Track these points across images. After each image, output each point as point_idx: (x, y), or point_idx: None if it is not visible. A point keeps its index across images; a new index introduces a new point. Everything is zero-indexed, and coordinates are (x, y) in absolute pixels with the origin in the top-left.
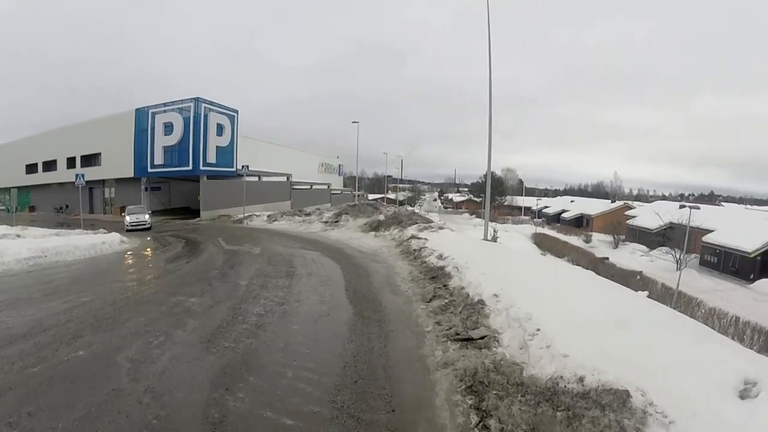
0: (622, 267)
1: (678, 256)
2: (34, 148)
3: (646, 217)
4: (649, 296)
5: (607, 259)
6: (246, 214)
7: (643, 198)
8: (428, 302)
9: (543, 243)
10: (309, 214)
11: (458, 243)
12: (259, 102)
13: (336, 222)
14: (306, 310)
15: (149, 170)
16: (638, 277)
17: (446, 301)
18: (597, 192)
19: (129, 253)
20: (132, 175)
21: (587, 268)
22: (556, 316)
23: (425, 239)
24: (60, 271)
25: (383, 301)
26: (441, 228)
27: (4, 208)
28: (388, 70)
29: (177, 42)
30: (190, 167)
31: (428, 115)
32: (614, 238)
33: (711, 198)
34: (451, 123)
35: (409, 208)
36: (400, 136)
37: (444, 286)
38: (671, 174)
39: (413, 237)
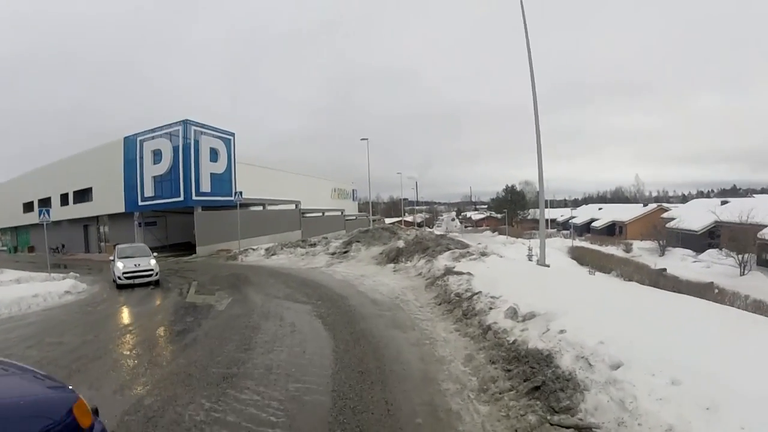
0: (686, 279)
1: (742, 258)
2: (30, 185)
3: (689, 218)
4: None
5: (665, 270)
6: (242, 249)
7: (663, 199)
8: None
9: (582, 257)
10: (314, 245)
11: (518, 276)
12: (268, 135)
13: (345, 253)
14: None
15: (140, 203)
16: (716, 291)
17: None
18: (617, 197)
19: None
20: (123, 210)
21: (647, 284)
22: None
23: (468, 274)
24: None
25: None
26: (484, 254)
27: (5, 248)
28: (394, 94)
29: (181, 76)
30: (182, 198)
31: (438, 135)
32: (659, 244)
33: (734, 192)
34: (461, 141)
35: (428, 230)
36: (411, 158)
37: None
38: (685, 174)
39: (450, 271)
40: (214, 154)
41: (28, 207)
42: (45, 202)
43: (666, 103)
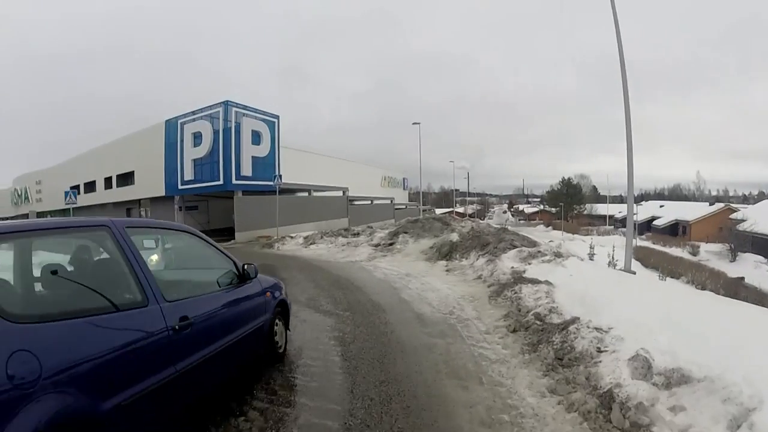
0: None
1: None
2: (77, 169)
3: (761, 220)
4: None
5: (743, 279)
6: (280, 236)
7: (725, 198)
8: None
9: (647, 258)
10: (357, 234)
11: (613, 289)
12: (320, 124)
13: (390, 245)
14: None
15: (179, 187)
16: None
17: None
18: (675, 195)
19: None
20: (163, 194)
21: (722, 293)
22: None
23: (547, 283)
24: None
25: None
26: (559, 255)
27: None
28: (446, 81)
29: (237, 64)
30: (221, 181)
31: (490, 125)
32: (731, 249)
33: None
34: (514, 132)
35: (486, 221)
36: (463, 148)
37: None
38: (747, 172)
39: (520, 277)
40: (256, 137)
41: (74, 190)
42: (90, 186)
43: (727, 97)
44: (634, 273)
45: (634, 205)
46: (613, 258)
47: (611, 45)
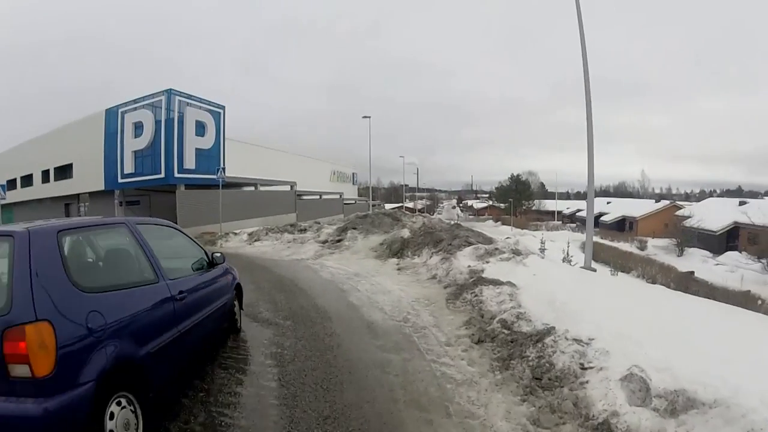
0: (720, 285)
1: None
2: (14, 161)
3: (706, 217)
4: None
5: (693, 273)
6: (224, 232)
7: (668, 196)
8: None
9: (597, 253)
10: (303, 230)
11: (581, 290)
12: (271, 118)
13: (338, 242)
14: None
15: (119, 180)
16: (759, 301)
17: None
18: (620, 192)
19: None
20: (103, 188)
21: (672, 287)
22: None
23: (510, 284)
24: None
25: None
26: (517, 252)
27: None
28: (398, 83)
29: (187, 59)
30: (163, 175)
31: (439, 123)
32: (678, 244)
33: (740, 193)
34: (463, 130)
35: (438, 216)
36: (413, 145)
37: None
38: (689, 172)
39: (480, 278)
40: (200, 128)
41: (11, 184)
42: (27, 179)
43: (670, 102)
44: (595, 270)
45: (575, 201)
46: (567, 254)
47: (563, 50)
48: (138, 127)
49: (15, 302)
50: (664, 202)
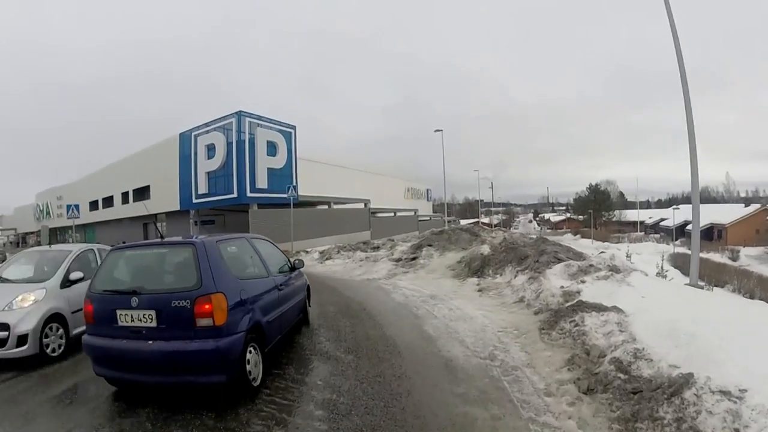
0: None
1: None
2: (97, 183)
3: None
4: None
5: None
6: (296, 251)
7: (755, 199)
8: None
9: (686, 265)
10: (377, 248)
11: (701, 314)
12: (342, 139)
13: (413, 259)
14: None
15: (193, 201)
16: None
17: None
18: (704, 198)
19: None
20: (178, 208)
21: None
22: None
23: (616, 310)
24: None
25: None
26: (615, 269)
27: None
28: (467, 98)
29: (255, 85)
30: (235, 194)
31: (511, 135)
32: None
33: None
34: (533, 141)
35: (519, 230)
36: (485, 159)
37: None
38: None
39: (580, 303)
40: (272, 148)
41: (93, 205)
42: (108, 201)
43: (754, 96)
44: (702, 288)
45: (656, 209)
46: (662, 269)
47: (628, 53)
48: (210, 149)
49: (203, 282)
50: (754, 206)
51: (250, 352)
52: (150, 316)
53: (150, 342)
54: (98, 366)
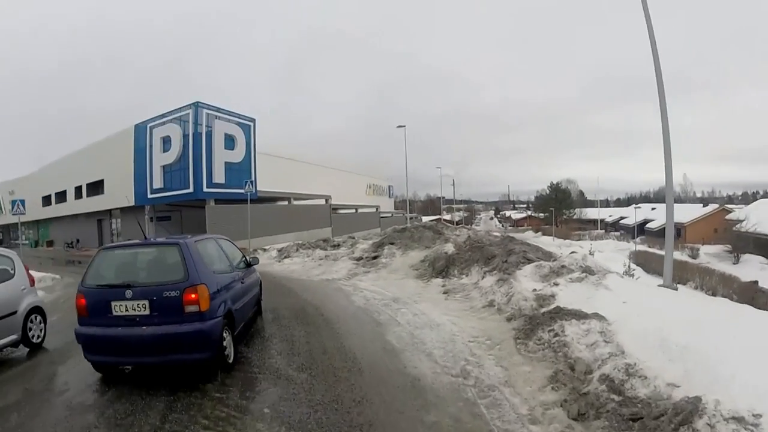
0: None
1: None
2: (49, 177)
3: (761, 220)
4: None
5: (757, 283)
6: (252, 248)
7: (710, 200)
8: None
9: (647, 263)
10: (337, 246)
11: (686, 319)
12: (306, 134)
13: (374, 258)
14: None
15: (148, 196)
16: None
17: None
18: (661, 197)
19: None
20: (133, 204)
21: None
22: None
23: (597, 316)
24: None
25: None
26: (589, 270)
27: (27, 242)
28: (431, 95)
29: (221, 77)
30: (192, 189)
31: (473, 135)
32: (732, 250)
33: None
34: (496, 140)
35: (476, 228)
36: (448, 157)
37: None
38: (728, 174)
39: (557, 309)
40: (230, 142)
41: (46, 200)
42: (61, 196)
43: (708, 100)
44: (677, 289)
45: (616, 208)
46: (629, 268)
47: (594, 56)
48: (166, 142)
49: (189, 275)
50: (712, 206)
51: (225, 334)
52: (143, 306)
53: (144, 327)
54: (90, 353)
